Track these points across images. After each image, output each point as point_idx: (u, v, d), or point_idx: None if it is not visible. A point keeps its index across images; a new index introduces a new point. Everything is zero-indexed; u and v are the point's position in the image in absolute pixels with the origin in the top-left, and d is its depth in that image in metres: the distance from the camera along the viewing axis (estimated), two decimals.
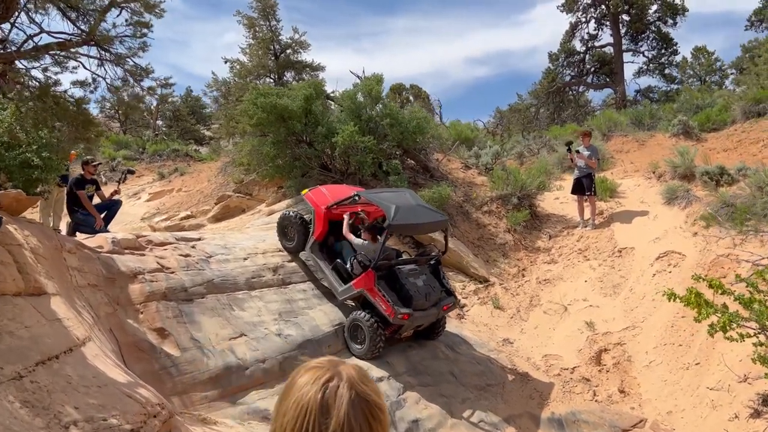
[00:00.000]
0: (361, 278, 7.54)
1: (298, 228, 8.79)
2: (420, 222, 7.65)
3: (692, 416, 6.73)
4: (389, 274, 7.63)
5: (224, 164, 21.20)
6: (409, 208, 7.64)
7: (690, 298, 6.15)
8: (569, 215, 12.39)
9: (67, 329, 4.78)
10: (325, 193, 8.80)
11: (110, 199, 8.66)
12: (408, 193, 8.42)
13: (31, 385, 3.83)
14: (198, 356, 6.54)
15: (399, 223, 7.32)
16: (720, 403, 6.58)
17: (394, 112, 12.09)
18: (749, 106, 15.38)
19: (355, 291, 7.64)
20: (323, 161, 12.29)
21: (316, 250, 8.42)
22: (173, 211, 18.40)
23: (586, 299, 9.52)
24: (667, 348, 7.90)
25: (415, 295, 7.40)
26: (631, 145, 16.46)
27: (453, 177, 13.64)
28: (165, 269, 7.39)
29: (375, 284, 7.35)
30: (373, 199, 7.96)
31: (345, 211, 8.39)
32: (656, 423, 6.92)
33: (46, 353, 4.22)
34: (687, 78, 31.54)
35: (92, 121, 6.16)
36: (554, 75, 29.56)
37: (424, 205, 8.26)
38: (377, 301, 7.31)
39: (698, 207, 10.33)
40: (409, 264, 8.01)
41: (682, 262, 9.31)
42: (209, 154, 30.21)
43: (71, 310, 5.22)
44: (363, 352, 7.56)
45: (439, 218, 7.98)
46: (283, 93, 11.73)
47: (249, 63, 19.72)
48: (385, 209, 7.57)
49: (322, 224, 8.39)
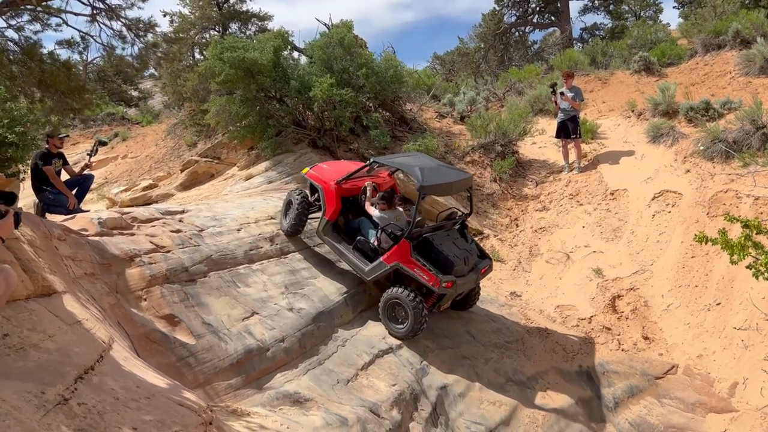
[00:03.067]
0: (393, 251, 6.97)
1: (299, 205, 8.02)
2: (450, 181, 7.11)
3: (725, 358, 6.72)
4: (421, 243, 7.08)
5: (171, 126, 19.93)
6: (433, 169, 7.13)
7: (726, 240, 6.00)
8: (551, 160, 12.20)
9: (90, 332, 4.16)
10: (328, 168, 8.14)
11: (80, 174, 7.74)
12: (423, 156, 7.91)
13: (80, 408, 3.24)
14: (215, 342, 5.98)
15: (431, 184, 6.76)
16: (751, 342, 6.57)
17: (369, 62, 11.41)
18: (709, 38, 15.43)
19: (387, 266, 7.02)
20: (296, 118, 11.53)
21: (329, 231, 7.74)
22: (124, 179, 17.22)
23: (587, 245, 9.39)
24: (683, 290, 7.87)
25: (455, 260, 6.90)
26: (595, 84, 16.32)
27: (429, 127, 13.16)
28: (160, 248, 6.70)
29: (411, 254, 6.80)
30: (393, 163, 7.50)
31: (355, 186, 7.80)
32: (689, 367, 6.89)
33: (81, 366, 3.61)
34: (623, 13, 31.62)
35: (84, 88, 5.29)
36: (500, 16, 29.02)
37: (444, 165, 7.82)
38: (416, 272, 6.76)
39: (686, 144, 10.29)
40: (438, 230, 7.47)
41: (679, 200, 9.26)
42: (144, 116, 28.50)
43: (85, 309, 4.56)
44: (406, 332, 7.02)
45: (464, 176, 7.51)
46: (249, 45, 10.81)
47: (191, 15, 18.29)
48: (412, 172, 7.06)
49: (334, 202, 7.66)
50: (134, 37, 5.64)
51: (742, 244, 5.88)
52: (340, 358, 6.71)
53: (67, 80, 4.78)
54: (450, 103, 14.79)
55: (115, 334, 4.90)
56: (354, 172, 7.59)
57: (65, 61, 4.97)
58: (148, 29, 5.71)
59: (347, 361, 6.69)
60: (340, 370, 6.48)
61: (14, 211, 3.68)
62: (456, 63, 30.75)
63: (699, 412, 6.36)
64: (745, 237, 5.72)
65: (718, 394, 6.46)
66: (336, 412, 5.64)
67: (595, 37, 27.47)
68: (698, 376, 6.81)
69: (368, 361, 6.79)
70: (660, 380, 6.97)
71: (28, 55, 4.58)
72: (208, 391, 5.67)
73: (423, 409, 6.40)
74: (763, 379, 6.11)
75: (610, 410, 6.82)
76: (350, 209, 8.01)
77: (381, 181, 8.21)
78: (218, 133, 13.20)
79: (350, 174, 7.59)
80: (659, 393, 6.81)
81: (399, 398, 6.21)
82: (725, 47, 15.20)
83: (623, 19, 29.92)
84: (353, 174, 7.60)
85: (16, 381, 3.15)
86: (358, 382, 6.43)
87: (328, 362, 6.57)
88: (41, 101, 4.96)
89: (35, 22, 4.91)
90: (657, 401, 6.76)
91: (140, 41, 5.76)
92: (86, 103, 5.60)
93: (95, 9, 5.09)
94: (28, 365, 3.37)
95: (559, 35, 29.36)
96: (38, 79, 4.58)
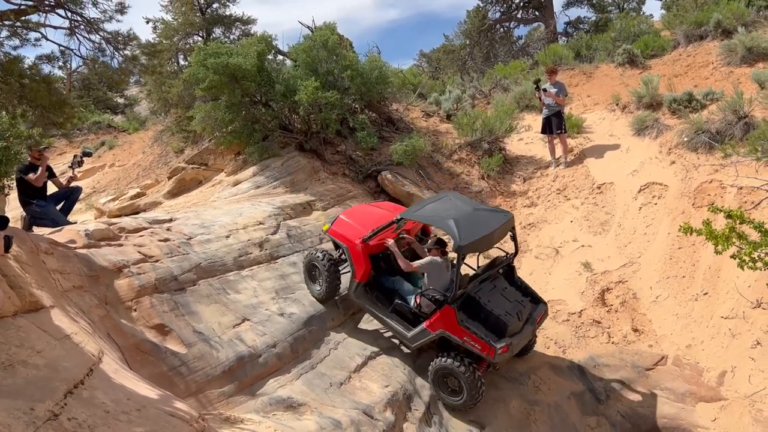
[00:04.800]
0: (437, 318, 6.24)
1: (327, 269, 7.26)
2: (490, 231, 6.14)
3: (713, 347, 6.79)
4: (466, 303, 6.30)
5: (158, 133, 19.83)
6: (469, 218, 6.25)
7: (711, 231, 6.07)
8: (538, 156, 12.24)
9: (79, 346, 4.16)
10: (351, 222, 7.42)
11: (67, 187, 7.71)
12: (453, 197, 6.97)
13: (70, 423, 3.25)
14: (206, 350, 6.00)
15: (470, 242, 5.93)
16: (738, 331, 6.65)
17: (353, 63, 11.42)
18: (691, 29, 15.52)
19: (432, 334, 6.31)
20: (282, 122, 11.53)
21: (362, 294, 7.06)
22: (112, 188, 17.14)
23: (576, 240, 9.45)
24: (671, 281, 7.94)
25: (508, 318, 6.14)
26: (580, 78, 16.38)
27: (416, 127, 13.19)
28: (149, 258, 6.70)
29: (458, 321, 6.07)
30: (422, 219, 6.66)
31: (384, 239, 6.99)
32: (678, 358, 6.97)
33: (70, 380, 3.62)
34: (606, 6, 31.77)
35: (66, 102, 5.27)
36: (485, 12, 29.10)
37: (479, 206, 6.82)
38: (466, 341, 6.04)
39: (670, 136, 10.36)
40: (482, 281, 6.57)
41: (665, 192, 9.34)
42: (130, 123, 28.34)
43: (74, 322, 4.56)
44: (463, 403, 6.30)
45: (504, 218, 6.52)
46: (232, 51, 10.80)
47: (174, 21, 18.21)
48: (445, 228, 6.22)
49: (363, 262, 6.95)
50: (114, 50, 5.61)
51: (726, 234, 5.95)
52: (333, 361, 6.74)
53: (48, 95, 4.75)
54: (436, 102, 14.81)
55: (105, 346, 4.90)
56: (380, 229, 6.87)
57: (45, 76, 4.95)
58: (127, 42, 5.68)
59: (340, 364, 6.71)
60: (332, 373, 6.51)
61: (5, 235, 3.68)
62: (442, 60, 30.81)
63: (689, 402, 6.43)
64: (729, 227, 5.79)
65: (707, 384, 6.53)
66: (329, 416, 5.67)
67: (579, 31, 27.57)
68: (687, 366, 6.89)
69: (361, 363, 6.83)
70: (650, 371, 7.05)
71: (8, 72, 4.57)
72: (200, 400, 5.68)
73: (417, 409, 6.44)
74: (750, 367, 6.20)
75: (603, 403, 6.89)
76: (382, 265, 7.28)
77: (410, 225, 7.48)
78: (205, 139, 13.16)
79: (377, 230, 6.89)
80: (650, 384, 6.88)
81: (392, 399, 6.25)
82: (707, 38, 15.27)
83: (607, 12, 30.01)
84: (380, 230, 6.89)
85: (5, 398, 3.16)
86: (351, 384, 6.46)
87: (320, 366, 6.60)
88: (23, 116, 4.94)
89: (14, 38, 4.88)
90: (648, 392, 6.83)
91: (120, 54, 5.73)
92: (68, 117, 5.56)
93: (74, 22, 5.06)
94: (17, 382, 3.37)
95: (544, 30, 29.43)
96: (19, 95, 4.55)
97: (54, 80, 5.03)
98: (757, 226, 5.94)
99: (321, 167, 11.15)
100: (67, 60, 6.20)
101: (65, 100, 5.34)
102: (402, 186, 10.69)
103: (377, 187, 11.14)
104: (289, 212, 9.16)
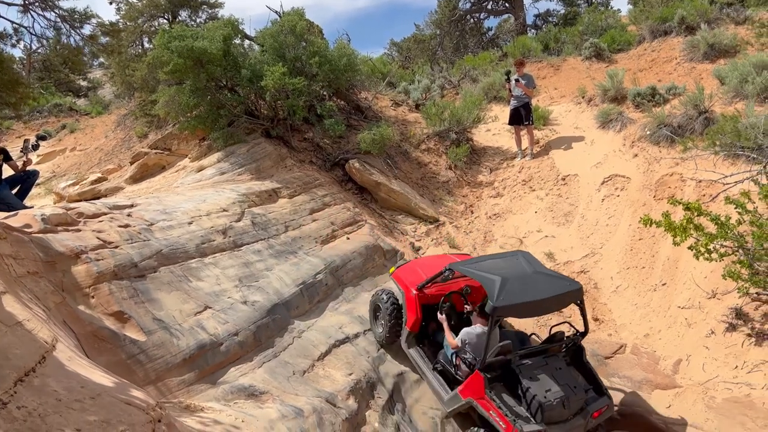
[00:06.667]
0: (467, 383, 5.60)
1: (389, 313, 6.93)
2: (539, 297, 5.42)
3: (669, 336, 6.96)
4: (506, 374, 5.57)
5: (121, 117, 19.41)
6: (521, 280, 5.60)
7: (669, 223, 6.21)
8: (505, 147, 12.34)
9: (32, 333, 4.03)
10: (416, 268, 7.13)
11: (24, 171, 7.48)
12: (522, 256, 6.20)
13: (20, 411, 3.15)
14: (166, 338, 5.90)
15: (507, 305, 5.28)
16: (694, 320, 6.82)
17: (322, 50, 11.29)
18: (656, 24, 15.78)
19: (462, 401, 5.63)
20: (249, 108, 11.36)
21: (412, 344, 6.70)
22: (72, 173, 16.72)
23: (540, 230, 9.57)
24: (631, 272, 8.10)
25: (547, 401, 5.19)
26: (547, 71, 16.53)
27: (384, 115, 13.15)
28: (108, 244, 6.54)
29: (486, 391, 5.36)
30: (467, 271, 5.97)
31: (441, 291, 6.63)
32: (636, 347, 7.11)
33: (21, 368, 3.50)
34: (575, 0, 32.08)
35: (19, 81, 5.07)
36: (455, 2, 29.11)
37: (545, 271, 6.00)
38: (491, 416, 5.29)
39: (634, 129, 10.54)
40: (534, 355, 5.74)
41: (627, 184, 9.51)
42: (93, 107, 27.63)
43: (27, 309, 4.43)
44: None
45: (567, 288, 5.66)
46: (198, 34, 10.57)
47: (138, 2, 17.76)
48: (486, 285, 5.57)
49: (414, 311, 6.62)
50: (70, 28, 5.42)
51: (684, 226, 6.09)
52: (296, 349, 6.71)
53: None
54: (405, 91, 14.79)
55: (60, 333, 4.78)
56: (433, 278, 6.57)
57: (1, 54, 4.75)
58: (84, 20, 5.49)
59: (303, 352, 6.68)
60: (296, 361, 6.48)
61: None
62: (412, 50, 30.74)
63: (646, 390, 6.57)
64: (686, 219, 5.92)
65: (663, 372, 6.69)
66: (292, 404, 5.65)
67: (548, 24, 27.78)
68: (645, 355, 7.04)
69: (325, 352, 6.81)
70: (609, 360, 7.19)
71: None
72: (160, 388, 5.60)
73: (380, 397, 6.46)
74: (704, 356, 6.36)
75: None
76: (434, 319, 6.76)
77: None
78: (169, 124, 12.91)
79: (428, 280, 6.60)
80: (608, 372, 7.01)
81: (355, 387, 6.26)
82: (671, 33, 15.55)
83: (575, 6, 30.33)
84: (432, 279, 6.58)
85: None
86: (315, 372, 6.44)
87: (283, 354, 6.56)
88: None
89: None
90: (606, 380, 6.95)
91: (76, 33, 5.54)
92: (22, 97, 5.37)
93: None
94: None
95: (513, 22, 29.60)
96: None
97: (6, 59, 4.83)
98: (713, 219, 6.10)
99: (287, 154, 11.03)
100: (20, 38, 5.98)
101: (18, 79, 5.14)
102: (370, 175, 10.66)
103: (345, 176, 11.08)
104: (254, 199, 9.05)
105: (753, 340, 6.12)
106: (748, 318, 6.38)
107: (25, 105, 6.52)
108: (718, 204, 7.41)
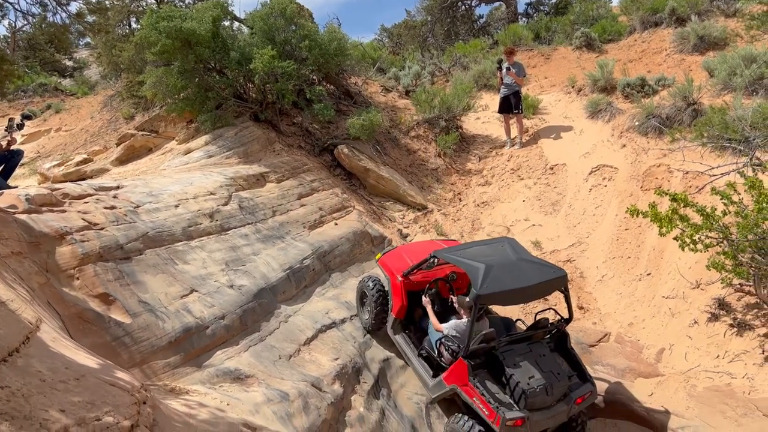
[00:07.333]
0: (451, 370, 5.61)
1: (375, 300, 6.95)
2: (524, 285, 5.36)
3: (653, 325, 7.03)
4: (488, 361, 5.57)
5: (107, 98, 19.16)
6: (506, 267, 5.54)
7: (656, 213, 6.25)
8: (494, 135, 12.35)
9: (15, 313, 3.99)
10: (402, 255, 7.16)
11: (8, 150, 7.37)
12: (507, 243, 6.16)
13: (3, 392, 3.12)
14: (152, 320, 5.87)
15: (490, 292, 5.23)
16: (678, 310, 6.90)
17: (312, 33, 11.19)
18: (647, 15, 15.80)
19: (447, 388, 5.66)
20: (237, 91, 11.25)
21: (398, 330, 6.72)
22: (57, 154, 16.50)
23: (527, 219, 9.61)
24: (617, 261, 8.17)
25: (530, 388, 5.18)
26: (538, 60, 16.54)
27: (374, 101, 13.09)
28: (93, 226, 6.48)
29: (469, 378, 5.37)
30: (452, 258, 5.93)
31: (427, 278, 6.68)
32: (620, 335, 7.19)
33: (4, 348, 3.47)
34: None
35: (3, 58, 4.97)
36: None
37: (530, 258, 5.94)
38: (474, 402, 5.29)
39: (622, 119, 10.58)
40: (518, 342, 5.74)
41: (615, 175, 9.56)
42: (80, 87, 27.25)
43: (11, 289, 4.38)
44: None
45: (552, 275, 5.60)
46: (186, 15, 10.43)
47: None
48: (470, 272, 5.53)
49: (399, 297, 6.64)
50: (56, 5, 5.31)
51: (669, 217, 6.13)
52: (283, 334, 6.70)
53: None
54: (395, 77, 14.73)
55: (45, 314, 4.74)
56: (418, 265, 6.62)
57: None
58: None
59: (290, 336, 6.68)
60: (282, 345, 6.47)
61: None
62: (403, 36, 30.54)
63: (629, 378, 6.65)
64: (672, 210, 5.96)
65: (646, 360, 6.77)
66: (277, 388, 5.65)
67: (539, 13, 27.72)
68: (629, 344, 7.12)
69: (311, 336, 6.81)
70: (593, 348, 7.26)
71: None
72: (145, 371, 5.58)
73: (365, 382, 6.48)
74: (687, 345, 6.45)
75: None
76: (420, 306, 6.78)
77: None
78: (156, 106, 12.76)
79: (414, 267, 6.64)
80: (592, 360, 7.08)
81: (341, 372, 6.27)
82: (662, 24, 15.60)
83: None
84: (418, 266, 6.63)
85: None
86: (301, 357, 6.44)
87: (270, 338, 6.55)
88: None
89: None
90: (590, 368, 7.03)
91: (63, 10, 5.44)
92: (7, 74, 5.25)
93: None
94: None
95: (505, 10, 29.50)
96: None
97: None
98: (699, 210, 6.15)
99: (276, 138, 10.96)
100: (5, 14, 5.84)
101: (2, 56, 5.04)
102: (359, 161, 10.62)
103: (333, 161, 11.04)
104: (241, 183, 9.00)
105: (735, 331, 6.21)
106: (731, 308, 6.47)
107: (10, 83, 6.39)
108: (704, 195, 7.48)
